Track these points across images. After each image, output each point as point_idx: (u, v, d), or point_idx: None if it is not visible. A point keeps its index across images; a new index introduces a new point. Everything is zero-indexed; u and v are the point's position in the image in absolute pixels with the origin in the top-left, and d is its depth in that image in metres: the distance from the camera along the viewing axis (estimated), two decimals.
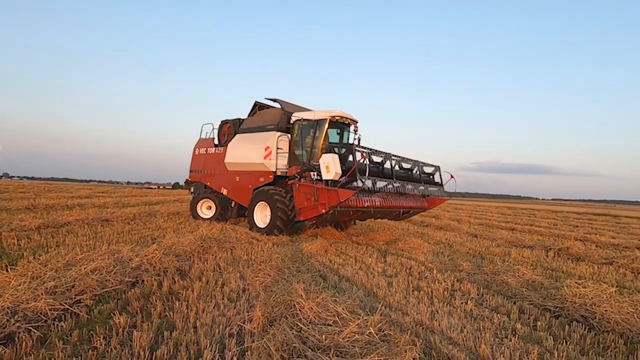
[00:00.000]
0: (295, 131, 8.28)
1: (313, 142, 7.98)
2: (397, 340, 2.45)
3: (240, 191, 9.03)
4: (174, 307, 3.23)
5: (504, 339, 2.91)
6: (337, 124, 8.27)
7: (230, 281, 4.07)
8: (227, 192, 9.57)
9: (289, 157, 8.28)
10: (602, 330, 3.19)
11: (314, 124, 8.03)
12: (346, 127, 8.70)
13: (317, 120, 7.99)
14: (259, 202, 8.14)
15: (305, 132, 8.18)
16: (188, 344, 2.52)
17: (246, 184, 8.82)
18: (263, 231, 7.74)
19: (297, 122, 8.23)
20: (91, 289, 3.28)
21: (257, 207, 8.21)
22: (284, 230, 7.57)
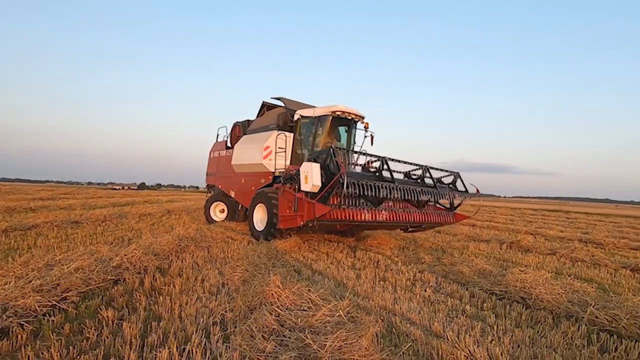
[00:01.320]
0: (297, 129, 7.85)
1: (314, 140, 7.51)
2: (362, 320, 2.83)
3: (245, 193, 8.61)
4: (158, 301, 3.45)
5: (454, 318, 3.37)
6: (341, 120, 7.70)
7: (209, 277, 4.32)
8: (235, 194, 9.32)
9: (291, 156, 7.82)
10: (536, 308, 3.74)
11: (315, 121, 7.51)
12: (353, 123, 8.04)
13: (318, 117, 7.48)
14: (258, 205, 7.52)
15: (307, 130, 7.72)
16: (176, 331, 2.78)
17: (249, 186, 8.46)
18: (259, 235, 7.10)
19: (299, 120, 7.81)
20: (76, 286, 3.43)
21: (256, 210, 7.58)
22: (278, 236, 6.73)
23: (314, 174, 5.34)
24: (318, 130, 7.51)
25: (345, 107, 7.48)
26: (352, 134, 8.17)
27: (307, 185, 5.43)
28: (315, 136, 7.52)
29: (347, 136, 8.14)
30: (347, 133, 8.12)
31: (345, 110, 7.48)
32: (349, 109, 7.55)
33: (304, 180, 5.51)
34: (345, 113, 7.52)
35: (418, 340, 2.77)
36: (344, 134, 8.10)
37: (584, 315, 3.41)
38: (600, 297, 3.84)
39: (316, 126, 7.50)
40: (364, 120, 7.99)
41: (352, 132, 8.16)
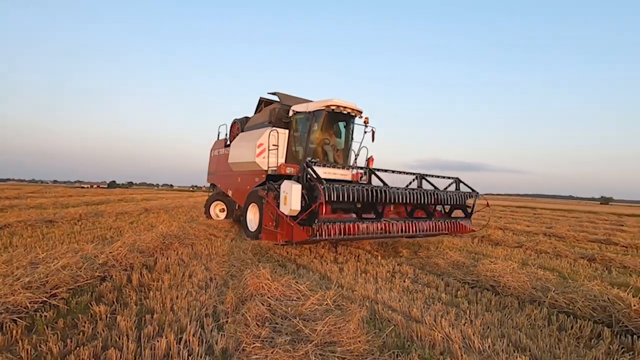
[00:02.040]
0: (293, 126, 7.46)
1: (309, 137, 7.10)
2: (348, 308, 3.05)
3: (242, 192, 8.11)
4: (149, 296, 3.53)
5: (431, 305, 3.65)
6: (338, 115, 7.24)
7: (196, 273, 4.41)
8: (232, 193, 8.96)
9: (286, 154, 7.45)
10: (504, 294, 4.09)
11: (309, 116, 7.08)
12: (351, 119, 7.56)
13: (312, 112, 7.04)
14: (251, 204, 7.19)
15: (302, 126, 7.31)
16: (171, 323, 2.89)
17: (245, 185, 8.02)
18: (252, 236, 6.79)
19: (294, 115, 7.43)
20: (65, 283, 3.46)
21: (249, 210, 7.24)
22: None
23: (293, 197, 4.78)
24: (313, 126, 7.10)
25: (341, 101, 7.03)
26: (350, 130, 7.71)
27: (285, 207, 4.93)
28: (310, 132, 7.10)
29: (345, 132, 7.70)
30: (346, 129, 7.67)
31: (340, 105, 7.01)
32: (344, 102, 7.09)
33: (282, 200, 5.03)
34: (341, 107, 7.05)
35: (399, 325, 3.01)
36: (343, 129, 7.69)
37: (546, 300, 3.77)
38: (560, 283, 4.22)
39: (311, 122, 7.08)
40: (362, 115, 7.51)
41: (350, 128, 7.70)
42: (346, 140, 7.81)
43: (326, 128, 7.31)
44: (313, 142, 7.18)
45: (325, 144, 7.40)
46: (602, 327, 3.19)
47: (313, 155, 7.13)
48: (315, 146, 7.20)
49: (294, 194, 4.79)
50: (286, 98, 8.28)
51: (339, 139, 7.76)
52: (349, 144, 7.84)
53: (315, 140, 7.20)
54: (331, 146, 7.50)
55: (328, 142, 7.38)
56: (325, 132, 7.31)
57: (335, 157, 7.58)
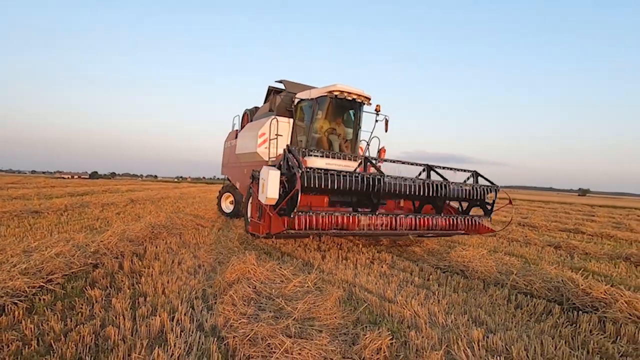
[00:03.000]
0: (297, 114, 7.13)
1: (312, 125, 6.74)
2: (327, 290, 3.34)
3: (246, 184, 7.66)
4: (141, 281, 3.75)
5: (404, 287, 3.98)
6: (343, 102, 6.76)
7: (185, 260, 4.64)
8: (239, 185, 8.67)
9: (290, 143, 7.03)
10: (471, 278, 4.46)
11: (313, 103, 6.71)
12: (359, 106, 7.04)
13: (315, 99, 6.64)
14: (251, 197, 6.58)
15: (307, 114, 6.95)
16: (163, 304, 3.13)
17: (248, 177, 7.57)
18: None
19: (298, 103, 7.09)
20: (60, 269, 3.64)
21: (250, 202, 6.71)
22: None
23: (270, 184, 4.33)
24: (317, 114, 6.69)
25: (345, 86, 6.50)
26: (357, 118, 7.19)
27: (262, 195, 4.50)
28: (313, 121, 6.69)
29: (355, 121, 7.23)
30: (355, 117, 7.20)
31: (344, 90, 6.47)
32: (349, 88, 6.54)
33: (260, 188, 4.56)
34: (345, 93, 6.50)
35: (373, 304, 3.32)
36: (351, 118, 7.24)
37: (508, 282, 4.15)
38: (523, 268, 4.62)
39: (314, 109, 6.67)
40: (371, 102, 6.96)
41: (357, 116, 7.19)
42: (354, 130, 7.30)
43: (331, 116, 6.91)
44: (317, 131, 6.80)
45: (332, 134, 7.02)
46: (554, 305, 3.58)
47: (317, 145, 6.78)
48: (319, 135, 6.82)
49: (270, 180, 4.35)
50: (292, 86, 7.91)
51: (348, 129, 7.34)
52: (357, 134, 7.35)
53: (320, 129, 6.83)
54: (337, 136, 7.11)
55: (334, 131, 6.97)
56: (331, 120, 6.92)
57: (343, 148, 7.19)
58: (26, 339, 2.46)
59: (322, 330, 2.50)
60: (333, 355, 2.19)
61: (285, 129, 7.07)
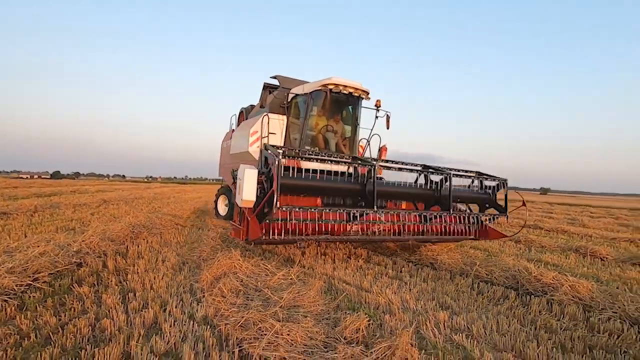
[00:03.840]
0: (291, 111, 6.73)
1: (306, 122, 6.31)
2: (309, 281, 3.61)
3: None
4: (127, 278, 3.86)
5: (379, 278, 4.31)
6: (340, 97, 6.29)
7: (169, 258, 4.76)
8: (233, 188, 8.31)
9: (284, 143, 6.72)
10: (439, 269, 4.87)
11: (307, 98, 6.27)
12: (356, 100, 6.59)
13: (310, 94, 6.21)
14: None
15: (301, 110, 6.53)
16: (153, 298, 3.28)
17: None
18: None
19: (292, 99, 6.67)
20: (45, 268, 3.69)
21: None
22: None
23: (246, 184, 3.93)
24: (311, 110, 6.25)
25: (341, 79, 6.06)
26: (355, 114, 6.71)
27: (238, 197, 4.14)
28: (307, 117, 6.26)
29: (353, 116, 6.76)
30: (353, 112, 6.74)
31: (340, 83, 6.02)
32: (346, 81, 6.10)
33: (237, 189, 4.21)
34: (340, 87, 6.04)
35: (351, 293, 3.62)
36: (350, 113, 6.80)
37: (471, 272, 4.58)
38: (485, 259, 5.08)
39: (308, 105, 6.24)
40: (369, 96, 6.53)
41: (355, 112, 6.71)
42: (353, 127, 6.84)
43: (327, 112, 6.48)
44: (311, 128, 6.37)
45: (328, 131, 6.56)
46: (510, 290, 4.02)
47: (312, 143, 6.37)
48: (314, 133, 6.39)
49: (246, 180, 3.97)
50: (286, 81, 7.54)
51: (345, 126, 6.88)
52: (356, 131, 6.89)
53: (315, 127, 6.39)
54: (334, 134, 6.64)
55: (331, 128, 6.53)
56: (327, 117, 6.49)
57: (340, 146, 6.74)
58: (23, 332, 2.57)
59: (307, 315, 2.76)
60: (318, 335, 2.46)
61: (279, 126, 6.68)
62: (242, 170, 4.04)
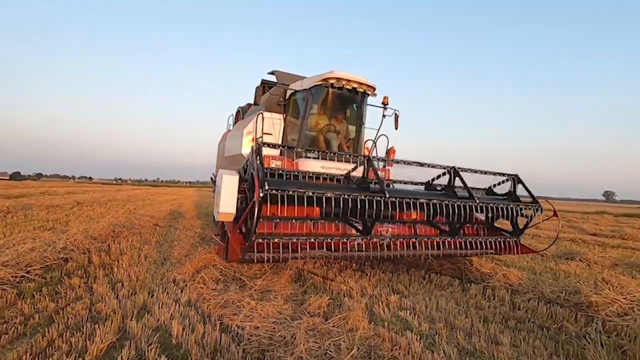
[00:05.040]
0: (289, 109, 6.12)
1: (305, 121, 5.69)
2: (281, 271, 4.12)
3: None
4: (114, 271, 4.21)
5: (343, 271, 4.86)
6: (342, 93, 5.69)
7: (151, 254, 5.12)
8: None
9: (282, 143, 6.12)
10: (398, 263, 5.49)
11: (306, 95, 5.66)
12: (362, 97, 5.96)
13: (309, 90, 5.60)
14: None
15: (300, 108, 5.92)
16: (141, 287, 3.67)
17: None
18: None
19: (291, 96, 6.06)
20: (36, 262, 4.00)
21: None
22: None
23: (224, 194, 3.31)
24: (310, 108, 5.67)
25: (344, 73, 5.48)
26: (360, 112, 6.12)
27: (215, 208, 3.53)
28: (306, 116, 5.66)
29: (358, 115, 6.16)
30: (358, 110, 6.15)
31: (342, 78, 5.41)
32: (349, 75, 5.50)
33: (215, 202, 3.59)
34: (343, 81, 5.41)
35: (317, 281, 4.15)
36: (354, 111, 6.19)
37: (425, 265, 5.23)
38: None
39: (307, 102, 5.64)
40: (376, 92, 5.86)
41: (360, 110, 6.11)
42: (357, 127, 6.23)
43: (329, 110, 5.89)
44: (311, 127, 5.81)
45: (330, 131, 5.94)
46: (455, 279, 4.68)
47: (312, 144, 5.82)
48: (314, 133, 5.83)
49: (225, 188, 3.31)
50: (285, 77, 6.95)
51: (349, 125, 6.27)
52: (360, 131, 6.27)
53: (315, 126, 5.83)
54: (337, 134, 6.02)
55: (333, 128, 5.94)
56: (328, 115, 5.90)
57: (343, 148, 6.12)
58: (26, 314, 2.92)
59: (278, 296, 3.27)
60: (286, 310, 2.97)
61: (275, 126, 6.09)
62: (220, 177, 3.37)
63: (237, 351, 2.39)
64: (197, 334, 2.61)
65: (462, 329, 3.03)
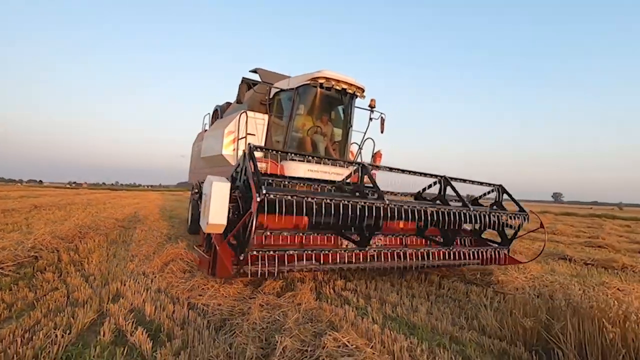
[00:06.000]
0: (274, 108, 5.87)
1: (291, 123, 5.48)
2: None
3: None
4: (84, 267, 4.54)
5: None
6: (330, 93, 5.54)
7: (119, 253, 5.44)
8: None
9: (265, 144, 5.82)
10: None
11: (293, 94, 5.46)
12: (349, 98, 5.83)
13: (296, 89, 5.41)
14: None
15: (286, 108, 5.68)
16: (113, 279, 4.05)
17: None
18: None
19: (276, 95, 5.84)
20: (8, 259, 4.25)
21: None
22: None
23: (214, 202, 2.99)
24: (297, 108, 5.48)
25: (333, 72, 5.34)
26: (348, 114, 5.94)
27: (204, 218, 3.16)
28: (292, 117, 5.46)
29: (345, 117, 5.96)
30: (345, 113, 5.95)
31: (332, 78, 5.28)
32: (338, 75, 5.37)
33: (203, 211, 3.25)
34: (332, 81, 5.29)
35: None
36: (337, 115, 5.99)
37: None
38: None
39: (294, 102, 5.45)
40: (364, 94, 5.75)
41: (348, 112, 5.94)
42: (344, 129, 6.06)
43: (316, 111, 5.70)
44: (297, 129, 5.61)
45: (316, 133, 5.79)
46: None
47: (299, 147, 5.64)
48: (301, 135, 5.66)
49: (215, 197, 2.98)
50: (268, 75, 6.68)
51: (336, 128, 6.11)
52: (347, 133, 6.10)
53: (301, 127, 5.64)
54: (323, 136, 5.87)
55: (320, 130, 5.78)
56: (315, 116, 5.73)
57: (330, 151, 5.95)
58: (8, 302, 3.25)
59: (239, 282, 3.80)
60: (245, 291, 3.52)
61: (258, 126, 5.81)
62: (209, 184, 3.03)
63: (202, 322, 2.91)
64: (168, 311, 3.10)
65: (392, 303, 3.72)
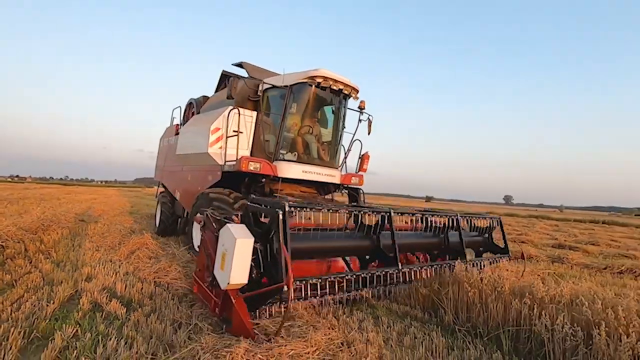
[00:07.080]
0: (263, 106, 5.59)
1: (284, 122, 5.26)
2: None
3: (190, 195, 5.94)
4: (52, 256, 4.91)
5: None
6: (325, 93, 5.35)
7: (83, 244, 5.80)
8: (180, 195, 6.82)
9: (252, 144, 5.59)
10: None
11: (286, 92, 5.24)
12: (343, 99, 5.68)
13: (290, 87, 5.20)
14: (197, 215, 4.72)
15: (277, 107, 5.42)
16: (82, 265, 4.50)
17: (195, 186, 5.94)
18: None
19: (266, 92, 5.57)
20: None
21: (195, 223, 5.07)
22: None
23: (236, 261, 2.55)
24: (290, 107, 5.29)
25: (332, 72, 5.20)
26: (341, 115, 5.80)
27: (222, 273, 2.68)
28: (285, 116, 5.25)
29: (336, 119, 5.79)
30: (336, 114, 5.77)
31: (330, 77, 5.15)
32: (336, 75, 5.24)
33: (219, 259, 2.78)
34: (330, 81, 5.17)
35: None
36: (330, 116, 5.81)
37: None
38: None
39: (287, 101, 5.23)
40: (358, 95, 5.67)
41: (341, 113, 5.79)
42: (335, 129, 5.90)
43: (310, 110, 5.51)
44: (290, 129, 5.43)
45: (309, 133, 5.61)
46: None
47: (290, 147, 5.41)
48: (293, 135, 5.46)
49: (237, 255, 2.57)
50: (255, 70, 6.40)
51: (325, 128, 5.92)
52: (339, 134, 5.97)
53: (294, 127, 5.46)
54: (315, 136, 5.69)
55: (311, 130, 5.60)
56: (308, 116, 5.53)
57: (320, 152, 5.75)
58: None
59: None
60: None
61: (247, 124, 5.53)
62: (230, 238, 2.63)
63: (168, 295, 3.52)
64: (137, 288, 3.67)
65: None
